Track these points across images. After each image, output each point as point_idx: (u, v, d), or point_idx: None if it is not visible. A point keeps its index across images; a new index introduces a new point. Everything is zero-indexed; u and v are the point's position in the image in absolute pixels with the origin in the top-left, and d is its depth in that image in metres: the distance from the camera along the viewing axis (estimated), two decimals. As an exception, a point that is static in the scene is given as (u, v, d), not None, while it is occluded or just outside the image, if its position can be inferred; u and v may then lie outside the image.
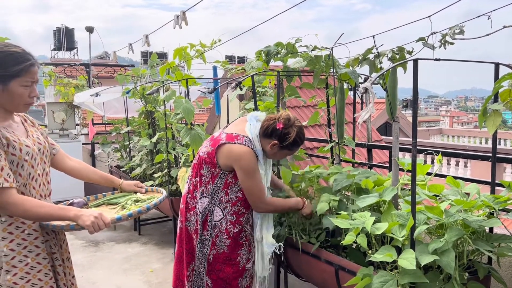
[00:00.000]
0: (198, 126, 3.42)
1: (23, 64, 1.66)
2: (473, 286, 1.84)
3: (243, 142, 2.16)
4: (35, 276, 1.69)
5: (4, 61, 1.63)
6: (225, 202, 2.24)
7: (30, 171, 1.73)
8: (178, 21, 4.33)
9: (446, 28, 2.25)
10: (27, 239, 1.69)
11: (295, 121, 2.23)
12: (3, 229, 1.65)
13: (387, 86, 2.13)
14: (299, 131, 2.23)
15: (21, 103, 1.70)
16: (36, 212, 1.62)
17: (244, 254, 2.31)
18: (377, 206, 2.26)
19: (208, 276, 2.28)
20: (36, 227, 1.73)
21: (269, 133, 2.21)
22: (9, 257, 1.65)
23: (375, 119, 13.64)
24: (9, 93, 1.65)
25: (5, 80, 1.64)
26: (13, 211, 1.61)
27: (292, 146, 2.24)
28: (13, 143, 1.67)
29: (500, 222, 1.84)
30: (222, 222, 2.24)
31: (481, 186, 2.19)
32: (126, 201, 2.03)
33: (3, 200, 1.58)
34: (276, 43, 2.79)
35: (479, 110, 1.67)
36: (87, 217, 1.64)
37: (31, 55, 1.71)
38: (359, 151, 3.36)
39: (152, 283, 3.62)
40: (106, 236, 4.90)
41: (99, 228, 1.65)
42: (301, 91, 5.88)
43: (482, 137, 14.79)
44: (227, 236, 2.25)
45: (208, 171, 2.24)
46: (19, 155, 1.67)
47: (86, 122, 6.87)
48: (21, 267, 1.67)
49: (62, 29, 17.99)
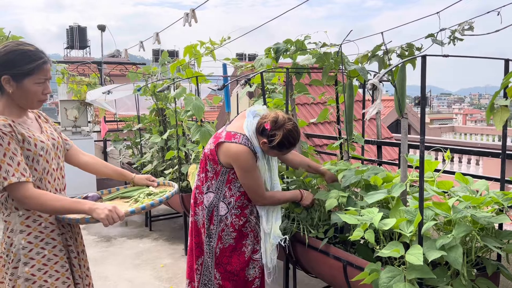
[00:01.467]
0: (208, 123, 3.45)
1: (36, 62, 1.70)
2: (482, 282, 1.84)
3: (240, 141, 2.19)
4: (52, 268, 1.74)
5: (18, 59, 1.67)
6: (229, 197, 2.29)
7: (45, 165, 1.77)
8: (188, 19, 4.36)
9: (456, 24, 2.25)
10: (44, 231, 1.74)
11: (285, 123, 2.20)
12: (20, 222, 1.70)
13: (396, 82, 2.13)
14: (287, 133, 2.19)
15: (35, 100, 1.74)
16: (52, 206, 1.66)
17: (250, 244, 2.35)
18: (385, 203, 2.27)
19: (216, 269, 2.33)
20: (53, 220, 1.78)
21: (260, 131, 2.23)
22: (27, 249, 1.70)
23: (386, 117, 13.56)
24: (23, 91, 1.70)
25: (19, 78, 1.68)
26: (30, 205, 1.66)
27: (280, 148, 2.22)
28: (28, 139, 1.71)
29: (509, 218, 1.84)
30: (227, 216, 2.28)
31: (492, 183, 2.18)
32: (138, 194, 2.07)
33: (21, 194, 1.63)
34: (285, 40, 2.80)
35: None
36: (101, 210, 1.67)
37: (44, 53, 1.75)
38: (369, 148, 3.36)
39: (162, 278, 3.66)
40: (118, 232, 4.97)
41: (113, 220, 1.68)
42: (310, 88, 5.88)
43: (495, 135, 14.59)
44: (233, 230, 2.29)
45: (212, 168, 2.29)
46: (34, 150, 1.72)
47: (98, 119, 6.95)
48: (39, 259, 1.71)
49: (75, 28, 18.18)
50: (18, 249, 1.69)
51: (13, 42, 1.72)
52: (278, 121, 2.20)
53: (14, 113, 1.73)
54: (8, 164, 1.61)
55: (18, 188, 1.62)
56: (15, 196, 1.64)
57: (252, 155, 2.21)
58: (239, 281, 2.32)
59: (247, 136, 2.22)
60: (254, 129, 2.24)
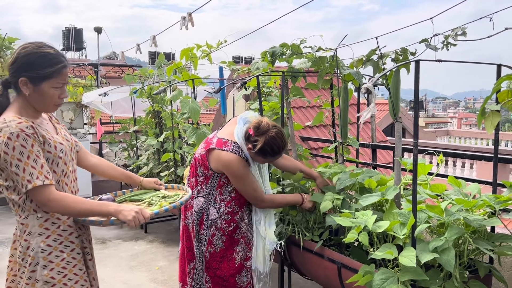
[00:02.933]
0: (204, 125, 3.47)
1: (56, 66, 1.66)
2: (474, 284, 1.87)
3: (231, 149, 2.19)
4: (71, 271, 1.71)
5: (38, 62, 1.64)
6: (220, 202, 2.28)
7: (63, 168, 1.74)
8: (185, 23, 4.39)
9: (450, 29, 2.28)
10: (62, 234, 1.71)
11: (269, 130, 2.16)
12: (39, 225, 1.67)
13: (390, 86, 2.15)
14: (270, 140, 2.15)
15: (51, 104, 1.71)
16: (76, 208, 1.63)
17: (241, 251, 2.34)
18: (380, 205, 2.29)
19: (206, 273, 2.32)
20: (71, 223, 1.74)
21: (246, 137, 2.22)
22: (46, 252, 1.66)
23: (381, 120, 13.62)
24: (40, 94, 1.66)
25: (37, 81, 1.64)
26: (53, 208, 1.62)
27: (263, 155, 2.20)
28: (49, 141, 1.68)
29: (500, 221, 1.87)
30: (217, 221, 2.28)
31: (484, 186, 2.21)
32: (151, 197, 2.03)
33: (45, 197, 1.59)
34: (281, 44, 2.83)
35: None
36: (127, 212, 1.65)
37: (64, 57, 1.72)
38: (364, 151, 3.39)
39: (158, 280, 3.67)
40: (113, 234, 4.97)
41: (139, 222, 1.66)
42: (306, 91, 5.91)
43: (490, 139, 14.69)
44: (223, 234, 2.29)
45: (202, 172, 2.28)
46: (54, 152, 1.69)
47: (94, 121, 6.94)
48: (58, 262, 1.68)
49: (71, 30, 18.16)
50: (37, 252, 1.65)
51: (33, 44, 1.68)
52: (261, 127, 2.17)
53: (30, 114, 1.69)
54: (32, 167, 1.58)
55: (42, 191, 1.59)
56: (38, 199, 1.60)
57: (243, 162, 2.21)
58: (229, 286, 2.31)
59: (237, 144, 2.21)
60: (243, 135, 2.23)
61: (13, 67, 1.66)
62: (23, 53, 1.65)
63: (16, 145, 1.56)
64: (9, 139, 1.56)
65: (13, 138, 1.56)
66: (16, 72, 1.65)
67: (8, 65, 1.68)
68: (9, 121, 1.59)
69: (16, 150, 1.56)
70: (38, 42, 1.70)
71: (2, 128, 1.58)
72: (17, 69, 1.64)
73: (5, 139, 1.56)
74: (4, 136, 1.56)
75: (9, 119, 1.60)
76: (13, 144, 1.56)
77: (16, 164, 1.57)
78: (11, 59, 1.68)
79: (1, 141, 1.56)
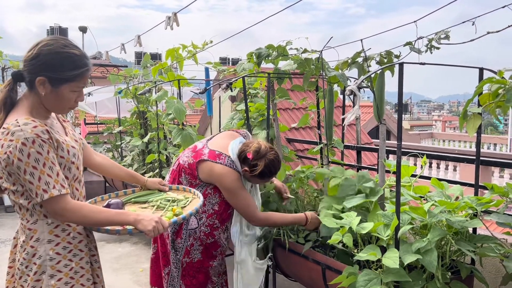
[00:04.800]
0: (190, 126, 3.44)
1: (80, 69, 1.55)
2: (456, 285, 1.89)
3: (225, 163, 2.17)
4: (78, 281, 1.61)
5: (61, 64, 1.52)
6: (201, 212, 2.24)
7: (75, 172, 1.64)
8: (170, 22, 4.36)
9: (433, 33, 2.31)
10: (72, 242, 1.61)
11: (267, 153, 2.18)
12: (49, 231, 1.57)
13: (375, 89, 2.17)
14: (269, 163, 2.17)
15: (66, 107, 1.61)
16: (94, 218, 1.54)
17: (217, 267, 2.34)
18: (364, 207, 2.30)
19: (182, 280, 2.29)
20: (81, 230, 1.65)
21: (242, 160, 2.21)
22: (55, 261, 1.56)
23: (367, 123, 13.73)
24: (57, 96, 1.55)
25: (57, 83, 1.53)
26: (69, 218, 1.52)
27: (262, 177, 2.21)
28: (62, 145, 1.56)
29: (482, 223, 1.89)
30: (196, 231, 2.24)
31: (467, 188, 2.24)
32: (159, 200, 1.95)
33: (61, 207, 1.49)
34: (267, 45, 2.82)
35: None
36: (148, 222, 1.57)
37: (88, 59, 1.60)
38: (349, 153, 3.41)
39: (141, 283, 3.63)
40: (97, 236, 4.87)
41: (158, 232, 1.59)
42: (292, 93, 5.92)
43: (473, 142, 14.93)
44: (200, 243, 2.26)
45: (187, 181, 2.24)
46: (67, 157, 1.58)
47: (78, 121, 6.85)
48: (66, 271, 1.58)
49: (56, 29, 17.89)
50: (44, 260, 1.55)
51: (58, 42, 1.55)
52: (261, 151, 2.18)
53: (41, 114, 1.57)
54: (48, 175, 1.47)
55: (58, 201, 1.48)
56: (53, 209, 1.49)
57: (237, 176, 2.18)
58: None
59: (231, 159, 2.19)
60: (238, 153, 2.22)
61: (33, 63, 1.52)
62: (46, 51, 1.51)
63: (32, 152, 1.44)
64: (23, 145, 1.43)
65: (29, 144, 1.44)
66: (35, 70, 1.51)
67: (26, 59, 1.52)
68: (23, 124, 1.46)
69: (31, 157, 1.44)
70: (63, 39, 1.57)
71: (15, 132, 1.45)
72: (37, 66, 1.51)
73: (19, 145, 1.43)
74: (17, 141, 1.44)
75: (23, 122, 1.47)
76: (28, 151, 1.44)
77: (31, 172, 1.45)
78: (29, 53, 1.52)
79: (14, 146, 1.43)
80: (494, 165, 3.58)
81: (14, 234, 1.68)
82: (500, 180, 8.47)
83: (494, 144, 15.18)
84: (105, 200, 1.99)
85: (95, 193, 5.69)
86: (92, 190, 5.90)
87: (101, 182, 6.08)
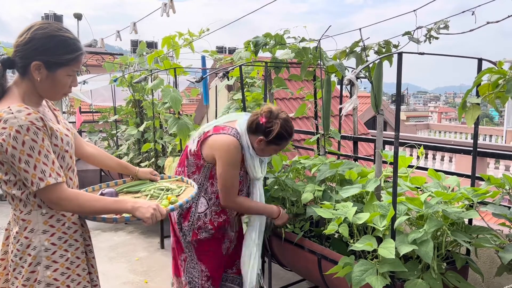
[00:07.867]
0: (186, 115, 3.42)
1: (76, 53, 1.53)
2: (451, 275, 1.89)
3: (229, 132, 2.13)
4: (74, 272, 1.59)
5: (57, 47, 1.49)
6: (211, 193, 2.22)
7: (69, 161, 1.61)
8: (166, 9, 4.30)
9: (432, 23, 2.28)
10: (67, 232, 1.59)
11: (279, 114, 2.14)
12: (44, 221, 1.54)
13: (373, 79, 2.15)
14: (284, 123, 2.12)
15: (61, 92, 1.58)
16: (91, 207, 1.52)
17: (225, 249, 2.34)
18: (360, 197, 2.30)
19: (199, 260, 2.26)
20: (76, 220, 1.63)
21: (254, 129, 2.15)
22: (50, 251, 1.54)
23: (364, 113, 13.73)
24: (53, 81, 1.52)
25: (53, 67, 1.50)
26: (65, 207, 1.50)
27: (279, 140, 2.15)
28: (56, 133, 1.53)
29: (478, 214, 1.89)
30: (206, 213, 2.21)
31: (463, 179, 2.24)
32: (153, 189, 1.94)
33: (56, 196, 1.46)
34: (264, 34, 2.80)
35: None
36: (145, 209, 1.55)
37: (80, 43, 1.58)
38: (346, 143, 3.40)
39: (137, 271, 3.63)
40: (92, 225, 4.88)
41: (156, 219, 1.56)
42: (289, 82, 5.90)
43: (469, 133, 14.99)
44: (212, 227, 2.21)
45: (193, 163, 2.21)
46: (61, 145, 1.55)
47: (74, 110, 6.80)
48: (62, 262, 1.56)
49: (51, 16, 17.67)
50: (39, 251, 1.52)
51: (52, 25, 1.52)
52: (273, 111, 2.13)
53: (33, 101, 1.54)
54: (44, 163, 1.44)
55: (54, 189, 1.45)
56: (49, 197, 1.47)
57: (238, 150, 2.12)
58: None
59: (237, 131, 2.14)
60: (245, 127, 2.16)
61: (26, 48, 1.47)
62: (41, 34, 1.48)
63: (26, 140, 1.41)
64: (18, 133, 1.40)
65: (23, 132, 1.41)
66: (29, 54, 1.47)
67: (18, 44, 1.49)
68: (16, 111, 1.42)
69: (26, 145, 1.41)
70: (55, 23, 1.55)
71: (8, 119, 1.41)
72: (32, 51, 1.47)
73: (13, 132, 1.40)
74: (11, 129, 1.40)
75: (16, 109, 1.42)
76: (23, 138, 1.41)
77: (26, 160, 1.42)
78: (21, 38, 1.48)
79: (7, 133, 1.40)
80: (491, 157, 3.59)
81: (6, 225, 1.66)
82: (495, 171, 8.53)
83: (490, 135, 15.24)
84: (97, 191, 1.95)
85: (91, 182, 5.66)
86: (87, 179, 5.89)
87: (96, 170, 6.05)
